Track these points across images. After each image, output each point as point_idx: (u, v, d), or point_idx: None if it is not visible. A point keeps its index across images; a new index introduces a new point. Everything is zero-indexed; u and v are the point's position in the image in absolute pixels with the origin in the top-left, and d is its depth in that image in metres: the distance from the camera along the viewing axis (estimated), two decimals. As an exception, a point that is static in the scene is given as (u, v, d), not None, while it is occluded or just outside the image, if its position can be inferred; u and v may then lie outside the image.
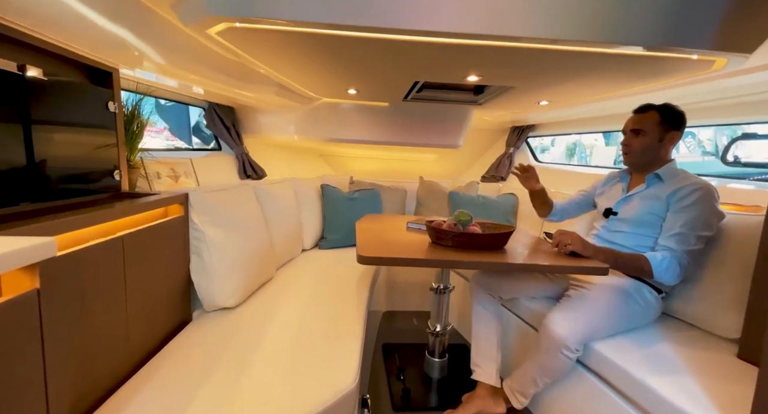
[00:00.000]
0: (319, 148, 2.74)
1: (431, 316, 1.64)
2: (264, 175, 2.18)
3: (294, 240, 1.89)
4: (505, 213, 2.21)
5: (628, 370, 1.00)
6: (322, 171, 2.83)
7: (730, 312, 1.15)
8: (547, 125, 2.76)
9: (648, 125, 1.27)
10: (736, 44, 1.06)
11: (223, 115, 2.03)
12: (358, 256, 1.05)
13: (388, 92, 1.82)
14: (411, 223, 1.56)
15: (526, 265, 1.09)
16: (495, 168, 2.88)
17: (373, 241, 1.24)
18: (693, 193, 1.18)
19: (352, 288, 1.59)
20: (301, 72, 1.51)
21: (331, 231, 2.14)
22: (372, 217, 1.79)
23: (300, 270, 1.77)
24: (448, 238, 1.23)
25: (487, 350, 1.45)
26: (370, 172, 2.95)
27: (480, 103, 2.04)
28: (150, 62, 1.20)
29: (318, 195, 2.22)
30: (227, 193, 1.37)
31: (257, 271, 1.42)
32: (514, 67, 1.32)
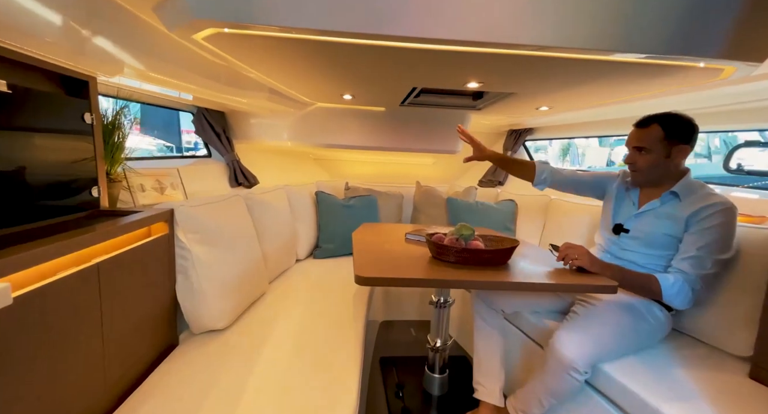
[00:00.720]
0: (313, 152, 2.67)
1: (431, 331, 1.58)
2: (256, 183, 2.11)
3: (288, 251, 1.82)
4: (504, 220, 2.17)
5: (639, 394, 0.95)
6: (317, 176, 2.76)
7: (742, 330, 1.11)
8: (546, 129, 2.72)
9: (651, 142, 1.17)
10: (747, 53, 1.02)
11: (212, 120, 1.95)
12: (356, 277, 0.99)
13: (385, 97, 1.76)
14: (410, 234, 1.50)
15: (534, 285, 1.04)
16: (492, 172, 2.83)
17: (371, 258, 1.17)
18: (715, 215, 1.09)
19: (348, 301, 1.53)
20: (294, 78, 1.44)
21: (327, 240, 2.07)
22: (369, 227, 1.73)
23: (294, 283, 1.70)
24: (450, 253, 1.17)
25: (489, 368, 1.40)
26: (365, 176, 2.89)
27: (479, 109, 1.99)
28: (131, 69, 1.12)
29: (313, 202, 2.15)
30: (216, 206, 1.29)
31: (248, 288, 1.35)
32: (515, 75, 1.27)
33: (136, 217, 0.97)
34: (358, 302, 1.55)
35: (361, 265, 1.05)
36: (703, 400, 0.92)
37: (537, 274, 1.11)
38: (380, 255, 1.22)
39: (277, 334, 1.22)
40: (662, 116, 1.20)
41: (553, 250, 1.26)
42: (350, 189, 2.35)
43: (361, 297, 1.61)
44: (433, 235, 1.28)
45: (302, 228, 2.00)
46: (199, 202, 1.22)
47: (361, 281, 0.98)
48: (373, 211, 2.20)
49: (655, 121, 1.19)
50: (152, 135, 2.70)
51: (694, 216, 1.13)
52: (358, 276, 0.98)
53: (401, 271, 1.05)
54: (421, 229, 1.58)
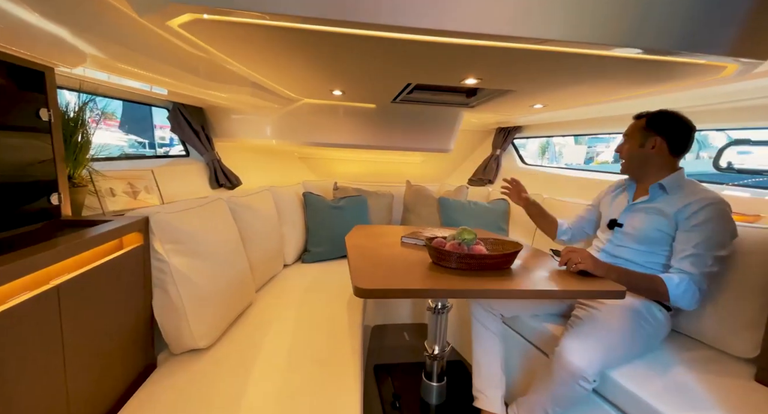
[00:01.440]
0: (299, 151, 2.55)
1: (428, 337, 1.52)
2: (238, 184, 1.98)
3: (275, 256, 1.72)
4: (496, 219, 2.14)
5: (651, 403, 0.92)
6: (303, 175, 2.65)
7: (745, 331, 1.10)
8: (534, 127, 2.71)
9: (632, 131, 1.27)
10: (752, 50, 1.00)
11: (190, 117, 1.81)
12: (356, 289, 0.91)
13: (377, 94, 1.68)
14: (406, 237, 1.44)
15: (543, 292, 0.99)
16: (482, 171, 2.80)
17: (368, 266, 1.10)
18: (703, 210, 1.10)
19: (342, 307, 1.45)
20: (280, 72, 1.34)
21: (316, 243, 1.98)
22: (361, 230, 1.65)
23: (283, 290, 1.60)
24: (451, 259, 1.11)
25: (490, 375, 1.35)
26: (353, 175, 2.80)
27: (471, 106, 1.94)
28: (96, 60, 0.99)
29: (300, 204, 2.05)
30: (197, 211, 1.18)
31: (234, 300, 1.25)
32: (515, 71, 1.21)
33: (106, 228, 0.86)
34: (353, 308, 1.47)
35: (360, 276, 0.97)
36: (715, 409, 0.90)
37: (542, 279, 1.07)
38: (377, 262, 1.14)
39: (268, 348, 1.13)
40: (655, 111, 1.26)
41: (554, 256, 1.23)
42: (339, 189, 2.26)
43: (355, 302, 1.53)
44: (432, 239, 1.21)
45: (290, 231, 1.90)
46: (177, 208, 1.11)
47: (360, 293, 0.90)
48: (363, 212, 2.12)
49: (647, 115, 1.27)
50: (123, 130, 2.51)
51: (682, 212, 1.14)
52: (358, 288, 0.90)
53: (402, 280, 0.98)
54: (416, 232, 1.52)
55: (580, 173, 2.33)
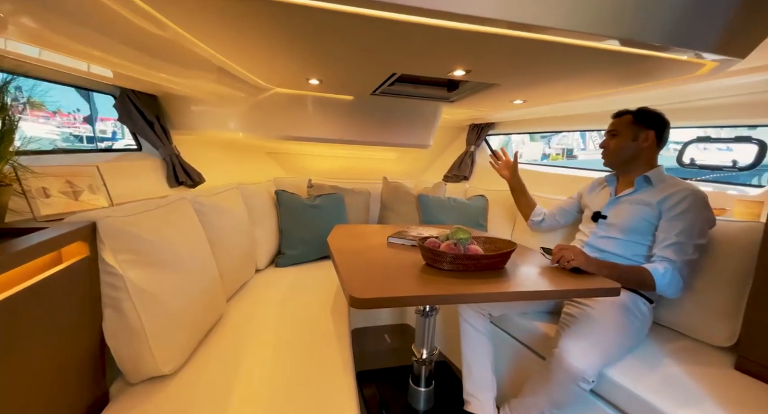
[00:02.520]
0: (267, 146, 2.37)
1: (416, 341, 1.46)
2: (201, 181, 1.79)
3: (246, 261, 1.56)
4: (476, 216, 2.12)
5: (646, 398, 0.92)
6: (273, 172, 2.47)
7: (722, 321, 1.15)
8: (506, 124, 2.74)
9: (621, 126, 1.31)
10: (732, 48, 1.03)
11: (142, 106, 1.59)
12: (351, 299, 0.81)
13: (357, 84, 1.57)
14: (393, 237, 1.36)
15: (546, 293, 0.96)
16: (457, 167, 2.79)
17: (359, 271, 1.00)
18: (685, 200, 1.15)
19: (325, 313, 1.34)
20: (252, 55, 1.19)
21: (290, 245, 1.84)
22: (342, 230, 1.54)
23: (257, 298, 1.45)
24: (446, 261, 1.04)
25: (481, 378, 1.32)
26: (326, 172, 2.66)
27: (452, 101, 1.89)
28: (18, 28, 0.79)
29: (273, 203, 1.89)
30: (156, 214, 1.01)
31: (203, 315, 1.09)
32: (505, 63, 1.17)
33: (38, 238, 0.68)
34: (337, 313, 1.37)
35: (354, 284, 0.87)
36: (706, 401, 0.92)
37: (538, 278, 1.03)
38: (368, 266, 1.05)
39: (246, 368, 1.00)
40: (638, 108, 1.32)
41: (545, 254, 1.21)
42: (314, 186, 2.12)
43: (339, 307, 1.43)
44: (425, 239, 1.14)
45: (261, 233, 1.74)
46: (132, 210, 0.94)
47: (357, 304, 0.80)
48: (341, 210, 2.01)
49: (629, 112, 1.33)
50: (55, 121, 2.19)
51: (665, 201, 1.18)
52: (354, 298, 0.80)
53: (400, 286, 0.90)
54: (403, 231, 1.44)
55: (553, 169, 2.39)
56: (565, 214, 1.56)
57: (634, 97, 1.66)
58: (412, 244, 1.31)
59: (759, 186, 1.52)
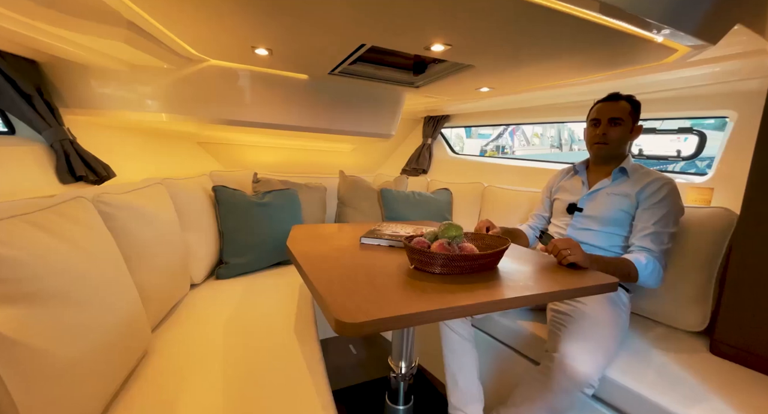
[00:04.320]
0: (199, 134, 1.98)
1: (393, 354, 1.28)
2: (110, 176, 1.39)
3: (177, 276, 1.23)
4: (441, 210, 2.02)
5: (657, 402, 0.87)
6: (206, 165, 2.09)
7: (693, 307, 1.17)
8: (461, 116, 2.70)
9: (625, 114, 1.20)
10: (707, 33, 1.03)
11: (13, 72, 1.16)
12: (338, 325, 0.61)
13: (314, 59, 1.33)
14: (366, 237, 1.16)
15: (554, 294, 0.84)
16: (416, 160, 2.68)
17: (337, 280, 0.79)
18: (662, 189, 1.15)
19: (287, 334, 1.09)
20: (179, 10, 0.89)
21: (235, 252, 1.53)
22: (303, 231, 1.29)
23: (195, 322, 1.14)
24: (437, 263, 0.89)
25: (467, 387, 1.20)
26: (272, 165, 2.35)
27: (417, 86, 1.74)
28: None
29: (210, 201, 1.56)
30: (34, 220, 0.68)
31: (116, 359, 0.78)
32: (487, 39, 1.06)
33: None
34: (302, 331, 1.13)
35: (337, 302, 0.66)
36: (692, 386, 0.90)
37: (535, 277, 0.92)
38: (347, 275, 0.84)
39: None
40: (627, 95, 1.23)
41: (540, 239, 1.12)
42: (261, 182, 1.81)
43: (302, 321, 1.20)
44: (411, 239, 0.97)
45: (196, 239, 1.41)
46: None
47: (348, 330, 0.60)
48: (296, 208, 1.74)
49: (623, 97, 1.23)
50: None
51: (642, 192, 1.17)
52: (343, 324, 0.60)
53: (395, 299, 0.71)
54: (376, 230, 1.25)
55: (508, 161, 2.39)
56: (545, 220, 1.50)
57: (592, 89, 1.69)
58: (390, 245, 1.14)
59: (701, 174, 1.63)
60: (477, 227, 1.24)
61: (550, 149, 6.90)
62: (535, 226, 1.49)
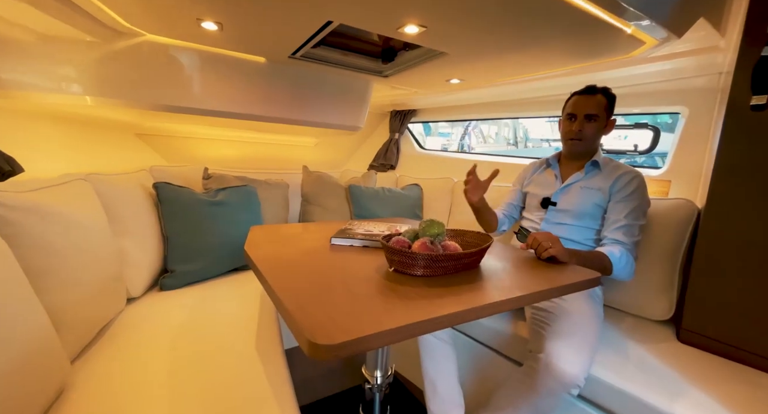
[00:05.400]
0: (138, 124, 1.73)
1: (367, 363, 1.18)
2: (16, 171, 1.13)
3: (107, 291, 1.02)
4: (411, 206, 1.94)
5: (642, 398, 0.85)
6: (147, 160, 1.83)
7: (660, 296, 1.20)
8: (428, 111, 2.65)
9: (600, 109, 1.19)
10: (676, 23, 1.04)
11: None
12: (311, 347, 0.49)
13: (272, 38, 1.18)
14: (336, 238, 1.04)
15: (543, 293, 0.79)
16: (383, 155, 2.59)
17: (307, 291, 0.67)
18: (632, 182, 1.16)
19: (248, 350, 0.95)
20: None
21: (182, 258, 1.33)
22: (263, 233, 1.14)
23: (131, 347, 0.95)
24: (419, 264, 0.80)
25: (447, 395, 1.13)
26: (225, 160, 2.13)
27: (385, 76, 1.65)
28: None
29: (150, 201, 1.34)
30: None
31: (15, 408, 0.60)
32: (466, 21, 0.99)
33: None
34: (266, 347, 0.99)
35: (311, 321, 0.55)
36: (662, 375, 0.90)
37: (518, 276, 0.86)
38: (319, 284, 0.72)
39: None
40: (603, 87, 1.21)
41: (518, 236, 1.08)
42: (212, 178, 1.61)
43: (266, 329, 1.06)
44: (389, 238, 0.87)
45: (133, 245, 1.20)
46: None
47: (323, 353, 0.49)
48: (254, 207, 1.57)
49: (599, 91, 1.20)
50: None
51: (614, 185, 1.17)
52: (318, 346, 0.49)
53: (376, 311, 0.61)
54: (347, 229, 1.14)
55: (474, 157, 2.38)
56: (517, 209, 1.47)
57: (554, 84, 1.71)
58: (363, 245, 1.03)
59: (654, 167, 1.71)
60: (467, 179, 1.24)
61: (507, 146, 7.18)
62: (506, 213, 1.45)
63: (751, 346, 0.95)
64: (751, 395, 0.84)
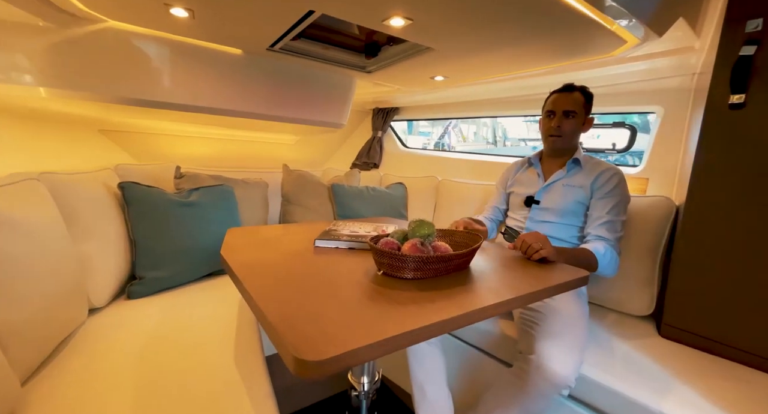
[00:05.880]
0: (102, 119, 1.60)
1: (353, 368, 1.14)
2: (-42, 169, 1.01)
3: (65, 302, 0.92)
4: (396, 205, 1.91)
5: (630, 396, 0.85)
6: (113, 158, 1.70)
7: (641, 292, 1.21)
8: (410, 109, 2.63)
9: (578, 106, 1.20)
10: (657, 22, 1.05)
11: None
12: (298, 364, 0.44)
13: (249, 27, 1.11)
14: (320, 239, 0.99)
15: (535, 294, 0.77)
16: (366, 154, 2.54)
17: (296, 301, 0.62)
18: (612, 179, 1.17)
19: (226, 359, 0.88)
20: None
21: (152, 264, 1.23)
22: (241, 235, 1.07)
23: (93, 362, 0.86)
24: (409, 267, 0.76)
25: (436, 399, 1.10)
26: (199, 159, 2.02)
27: (368, 72, 1.60)
28: None
29: (116, 202, 1.24)
30: None
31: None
32: (453, 16, 0.96)
33: None
34: (244, 350, 0.93)
35: (297, 334, 0.50)
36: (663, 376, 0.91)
37: (509, 277, 0.84)
38: (304, 291, 0.67)
39: None
40: (580, 86, 1.23)
41: (505, 235, 1.06)
42: (185, 177, 1.52)
43: (245, 337, 0.99)
44: (377, 239, 0.83)
45: (95, 250, 1.10)
46: None
47: (312, 370, 0.44)
48: (232, 208, 1.48)
49: (577, 89, 1.22)
50: None
51: (595, 182, 1.18)
52: (306, 363, 0.44)
53: (368, 319, 0.57)
54: (331, 230, 1.09)
55: (457, 155, 2.38)
56: (502, 212, 1.47)
57: (536, 83, 1.72)
58: (349, 247, 0.98)
59: (625, 165, 1.75)
60: (455, 226, 1.15)
61: (486, 145, 7.30)
62: (492, 218, 1.45)
63: (731, 340, 0.98)
64: (734, 389, 0.86)
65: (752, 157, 0.92)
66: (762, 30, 0.88)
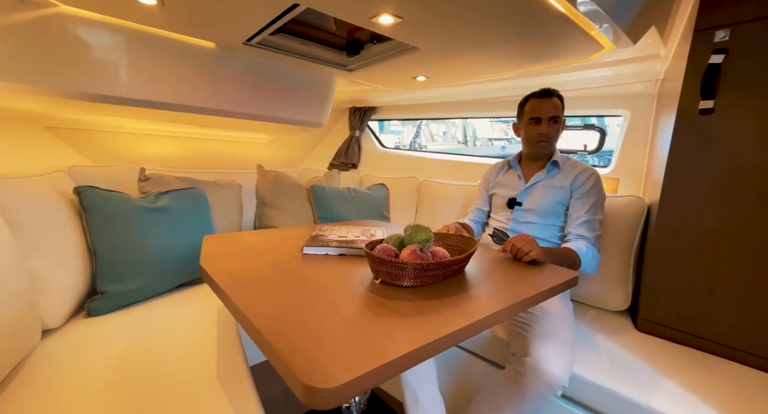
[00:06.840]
0: (49, 115, 1.43)
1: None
2: None
3: (11, 325, 0.80)
4: (378, 206, 1.87)
5: (620, 393, 0.88)
6: (64, 159, 1.53)
7: (617, 288, 1.27)
8: (388, 108, 2.60)
9: (559, 111, 1.24)
10: (633, 30, 1.10)
11: None
12: (310, 393, 0.40)
13: (224, 20, 1.02)
14: (308, 247, 0.94)
15: (534, 298, 0.77)
16: (344, 154, 2.48)
17: (293, 319, 0.57)
18: (590, 179, 1.22)
19: (206, 374, 0.81)
20: None
21: (115, 277, 1.11)
22: (219, 243, 0.99)
23: (47, 393, 0.76)
24: (408, 275, 0.73)
25: (429, 405, 1.08)
26: (164, 159, 1.87)
27: (349, 70, 1.55)
28: None
29: (71, 209, 1.10)
30: None
31: None
32: (442, 14, 0.95)
33: None
34: (226, 364, 0.85)
35: (302, 357, 0.45)
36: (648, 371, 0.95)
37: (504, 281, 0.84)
38: (300, 306, 0.62)
39: None
40: (555, 90, 1.25)
41: (494, 238, 1.06)
42: (150, 180, 1.39)
43: (226, 349, 0.92)
44: (372, 246, 0.79)
45: (47, 264, 0.97)
46: None
47: (328, 399, 0.40)
48: (204, 213, 1.38)
49: (554, 94, 1.24)
50: None
51: (574, 182, 1.22)
52: (321, 391, 0.40)
53: (372, 337, 0.53)
54: (318, 236, 1.04)
55: (436, 155, 2.38)
56: (486, 214, 1.48)
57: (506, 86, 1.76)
58: (340, 254, 0.94)
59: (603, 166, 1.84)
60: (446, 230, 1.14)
61: (457, 144, 7.46)
62: (477, 220, 1.46)
63: (703, 332, 1.04)
64: (713, 379, 0.91)
65: (721, 159, 0.98)
66: (729, 40, 0.94)
